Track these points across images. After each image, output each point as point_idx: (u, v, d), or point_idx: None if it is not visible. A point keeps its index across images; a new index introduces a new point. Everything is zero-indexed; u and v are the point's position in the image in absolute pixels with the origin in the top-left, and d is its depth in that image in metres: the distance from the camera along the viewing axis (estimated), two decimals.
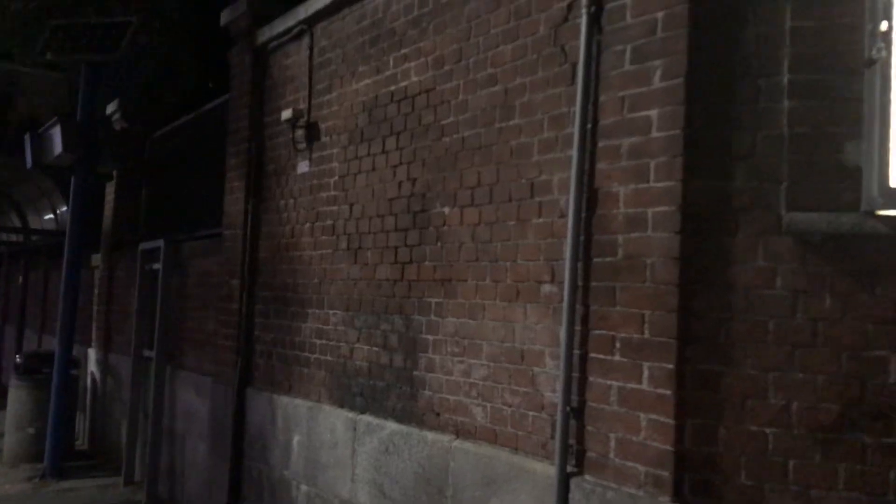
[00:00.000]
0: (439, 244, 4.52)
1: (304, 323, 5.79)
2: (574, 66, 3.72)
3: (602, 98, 3.56)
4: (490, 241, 4.18)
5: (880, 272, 2.91)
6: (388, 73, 5.10)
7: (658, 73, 3.30)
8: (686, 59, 3.20)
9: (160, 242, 8.41)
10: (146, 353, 8.70)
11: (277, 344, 6.14)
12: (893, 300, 2.88)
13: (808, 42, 3.05)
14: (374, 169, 5.15)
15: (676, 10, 3.24)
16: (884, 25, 2.92)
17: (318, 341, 5.60)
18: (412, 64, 4.87)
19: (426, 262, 4.61)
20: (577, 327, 3.58)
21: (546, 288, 3.83)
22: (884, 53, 2.91)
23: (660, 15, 3.30)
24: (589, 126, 3.62)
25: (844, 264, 2.96)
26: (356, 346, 5.18)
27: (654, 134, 3.30)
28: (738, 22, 3.17)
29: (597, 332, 3.49)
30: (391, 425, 4.75)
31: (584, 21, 3.64)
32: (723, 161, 3.16)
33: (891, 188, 2.91)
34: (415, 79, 4.84)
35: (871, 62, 2.93)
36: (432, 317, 4.53)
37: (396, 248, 4.87)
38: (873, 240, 2.92)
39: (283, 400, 5.92)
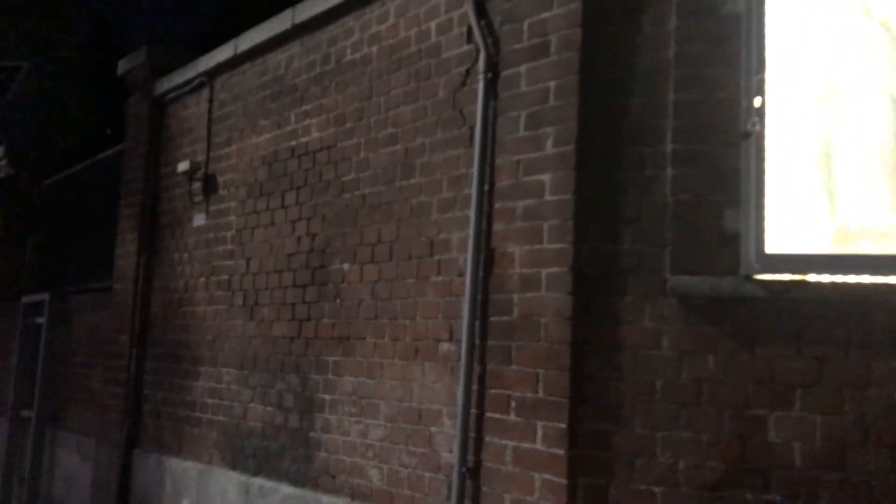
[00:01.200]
0: (338, 301, 4.48)
1: (197, 381, 5.59)
2: (472, 129, 3.81)
3: (498, 161, 3.64)
4: (390, 299, 4.17)
5: (758, 334, 3.05)
6: (289, 128, 5.08)
7: (551, 139, 3.41)
8: (577, 127, 3.32)
9: (45, 295, 8.01)
10: (25, 413, 8.19)
11: (168, 403, 5.89)
12: (771, 361, 3.02)
13: (690, 114, 3.22)
14: (272, 223, 5.09)
15: (567, 80, 3.37)
16: (757, 101, 3.11)
17: (211, 400, 5.41)
18: (314, 120, 4.88)
19: (324, 320, 4.55)
20: (475, 386, 3.59)
21: (444, 346, 3.84)
22: (758, 127, 3.10)
23: (552, 84, 3.43)
24: (486, 188, 3.69)
25: (726, 326, 3.09)
26: (250, 405, 5.03)
27: (548, 197, 3.40)
28: (625, 93, 3.32)
29: (493, 391, 3.51)
30: (285, 488, 4.60)
31: (481, 86, 3.74)
32: (612, 225, 3.27)
33: (767, 254, 3.07)
34: (316, 135, 4.84)
35: (748, 135, 3.12)
36: (329, 375, 4.45)
37: (294, 304, 4.79)
38: (751, 303, 3.06)
39: (173, 462, 5.66)
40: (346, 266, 4.46)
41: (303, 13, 4.98)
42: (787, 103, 3.23)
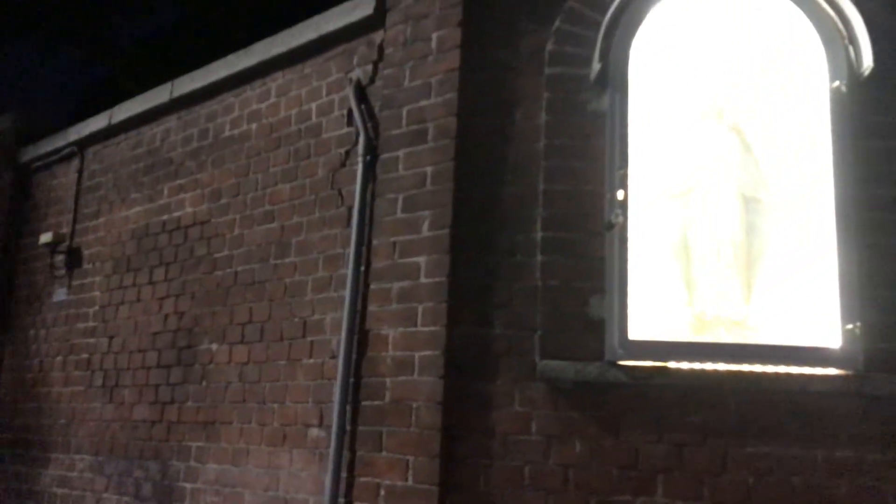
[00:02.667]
0: (204, 383, 4.28)
1: (46, 469, 5.16)
2: (350, 209, 3.81)
3: (375, 242, 3.64)
4: (258, 382, 4.03)
5: (623, 419, 3.12)
6: (161, 201, 4.93)
7: (427, 222, 3.45)
8: (452, 212, 3.38)
9: None
10: None
11: (12, 493, 5.40)
12: (634, 446, 3.08)
13: (558, 204, 3.34)
14: (138, 300, 4.86)
15: (443, 167, 3.44)
16: (620, 194, 3.26)
17: (60, 490, 5.00)
18: (188, 195, 4.75)
19: (189, 403, 4.33)
20: (343, 474, 3.47)
21: (314, 432, 3.72)
22: (621, 219, 3.24)
23: (429, 169, 3.49)
24: (362, 268, 3.67)
25: (592, 411, 3.14)
26: (104, 495, 4.68)
27: (423, 280, 3.41)
28: (498, 181, 3.41)
29: (362, 479, 3.40)
30: None
31: (360, 168, 3.76)
32: (484, 309, 3.30)
33: (630, 340, 3.16)
34: (189, 210, 4.71)
35: (611, 226, 3.25)
36: (192, 462, 4.21)
37: (157, 386, 4.55)
38: (616, 388, 3.14)
39: None
40: (214, 346, 4.29)
41: (182, 87, 4.92)
42: (648, 197, 3.41)
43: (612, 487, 3.05)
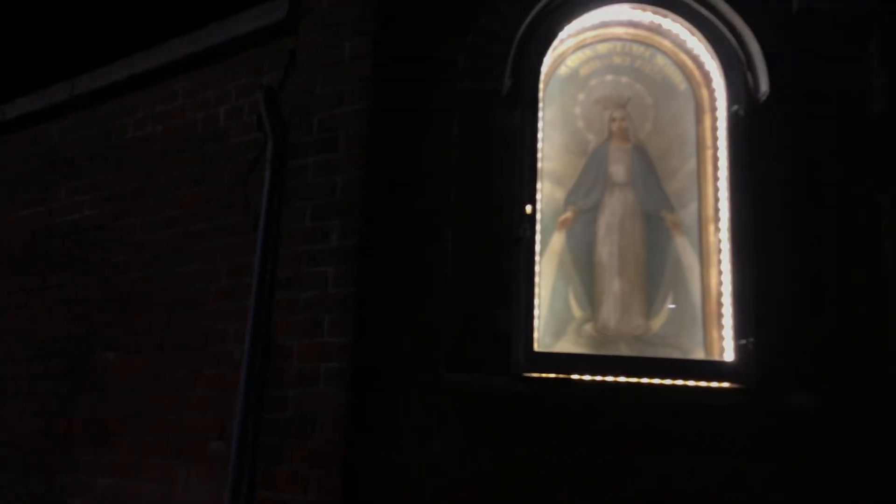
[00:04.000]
0: (97, 394, 4.09)
1: None
2: (257, 217, 3.72)
3: (282, 251, 3.57)
4: (155, 393, 3.87)
5: (527, 430, 3.15)
6: (57, 203, 4.70)
7: (336, 232, 3.40)
8: (362, 222, 3.35)
9: None
10: None
11: None
12: (539, 457, 3.11)
13: (469, 217, 3.35)
14: (27, 306, 4.61)
15: (355, 176, 3.41)
16: (528, 209, 3.31)
17: None
18: (86, 197, 4.55)
19: (79, 414, 4.13)
20: (243, 488, 3.37)
21: (214, 445, 3.59)
22: (528, 233, 3.28)
23: (339, 178, 3.45)
24: (268, 277, 3.59)
25: (497, 423, 3.16)
26: None
27: (330, 290, 3.36)
28: (410, 193, 3.41)
29: (263, 493, 3.31)
30: None
31: (268, 175, 3.68)
32: (392, 320, 3.28)
33: (535, 353, 3.20)
34: (87, 212, 4.51)
35: (519, 240, 3.29)
36: (80, 477, 4.01)
37: (46, 396, 4.31)
38: (520, 400, 3.16)
39: None
40: (109, 355, 4.11)
41: (83, 85, 4.71)
42: (555, 212, 3.46)
43: (516, 499, 3.07)
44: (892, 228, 3.38)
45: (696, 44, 3.58)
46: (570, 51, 3.66)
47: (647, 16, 3.60)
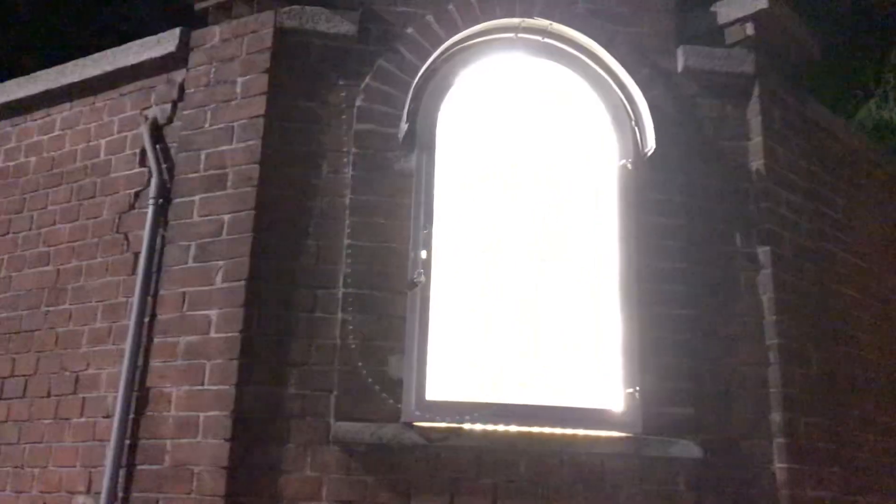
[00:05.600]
0: None
1: None
2: (137, 255, 3.53)
3: (162, 292, 3.39)
4: (17, 443, 3.58)
5: (417, 482, 3.07)
6: None
7: (221, 273, 3.26)
8: (249, 263, 3.23)
9: None
10: None
11: None
12: None
13: (362, 261, 3.29)
14: None
15: (242, 216, 3.29)
16: (423, 254, 3.27)
17: None
18: None
19: None
20: None
21: (80, 500, 3.33)
22: (423, 278, 3.24)
23: (227, 217, 3.32)
24: (146, 320, 3.39)
25: (386, 474, 3.06)
26: None
27: (213, 334, 3.20)
28: (301, 234, 3.31)
29: None
30: None
31: (150, 212, 3.52)
32: (278, 367, 3.16)
33: (427, 401, 3.14)
34: None
35: (414, 285, 3.24)
36: None
37: None
38: (411, 450, 3.09)
39: None
40: None
41: None
42: (451, 257, 3.44)
43: None
44: (770, 282, 3.53)
45: (591, 98, 3.67)
46: (467, 94, 3.68)
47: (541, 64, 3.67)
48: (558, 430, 3.19)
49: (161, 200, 3.51)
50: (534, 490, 3.12)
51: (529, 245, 3.53)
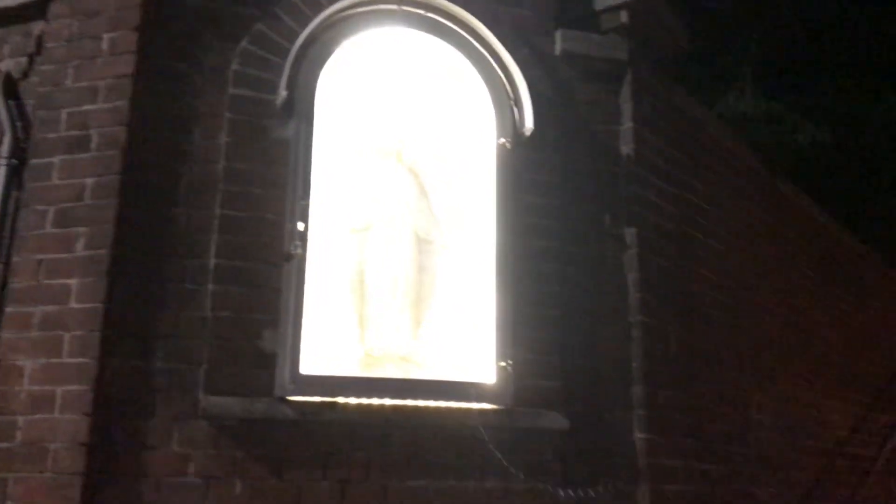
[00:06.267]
0: None
1: None
2: None
3: (16, 259, 3.16)
4: None
5: (289, 457, 3.02)
6: None
7: (82, 240, 3.08)
8: (113, 230, 3.05)
9: None
10: None
11: None
12: (298, 485, 3.00)
13: (235, 231, 3.18)
14: None
15: (107, 180, 3.11)
16: (301, 225, 3.21)
17: None
18: None
19: None
20: None
21: None
22: (300, 251, 3.18)
23: (89, 181, 3.13)
24: None
25: (257, 449, 3.00)
26: None
27: (73, 305, 3.02)
28: (171, 201, 3.17)
29: None
30: None
31: (3, 173, 3.27)
32: (144, 340, 3.02)
33: (301, 375, 3.09)
34: None
35: (290, 257, 3.17)
36: None
37: None
38: (284, 425, 3.04)
39: None
40: None
41: None
42: (328, 230, 3.39)
43: None
44: (635, 262, 3.69)
45: (472, 75, 3.69)
46: (349, 64, 3.62)
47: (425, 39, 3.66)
48: (432, 404, 3.22)
49: (15, 161, 3.27)
50: (407, 463, 3.14)
51: (409, 220, 3.53)
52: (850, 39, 8.16)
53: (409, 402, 3.20)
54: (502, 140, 3.56)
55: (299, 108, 3.33)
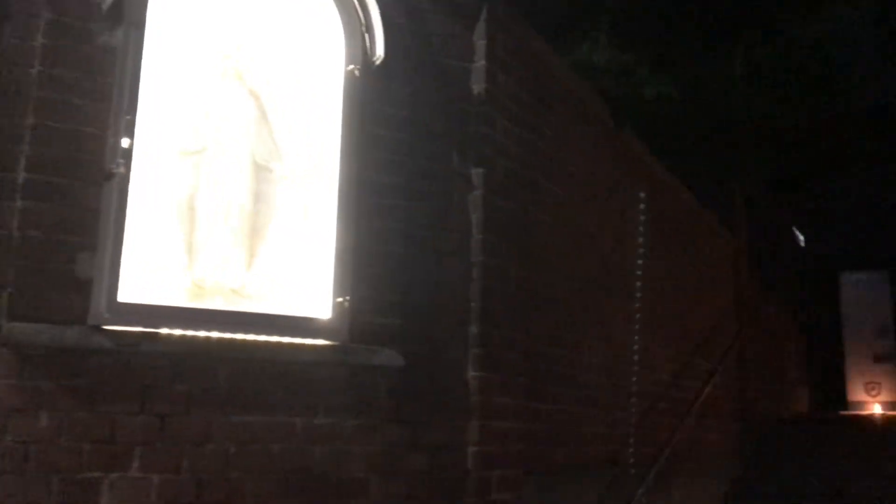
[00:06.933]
0: None
1: None
2: None
3: None
4: None
5: (103, 389, 2.83)
6: None
7: None
8: None
9: None
10: None
11: None
12: (112, 418, 2.82)
13: (50, 144, 2.89)
14: None
15: None
16: (125, 142, 2.96)
17: None
18: None
19: None
20: None
21: None
22: (122, 169, 2.93)
23: None
24: None
25: (67, 381, 2.79)
26: None
27: None
28: None
29: None
30: None
31: None
32: None
33: (119, 303, 2.88)
34: None
35: (111, 175, 2.93)
36: None
37: None
38: (98, 355, 2.83)
39: None
40: None
41: None
42: (156, 150, 3.15)
43: (81, 464, 2.74)
44: (480, 202, 3.69)
45: None
46: None
47: None
48: (262, 338, 3.11)
49: None
50: (232, 398, 3.03)
51: (247, 145, 3.34)
52: None
53: (239, 336, 3.07)
54: (351, 66, 3.41)
55: (129, 14, 3.04)
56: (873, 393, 11.69)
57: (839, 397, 12.08)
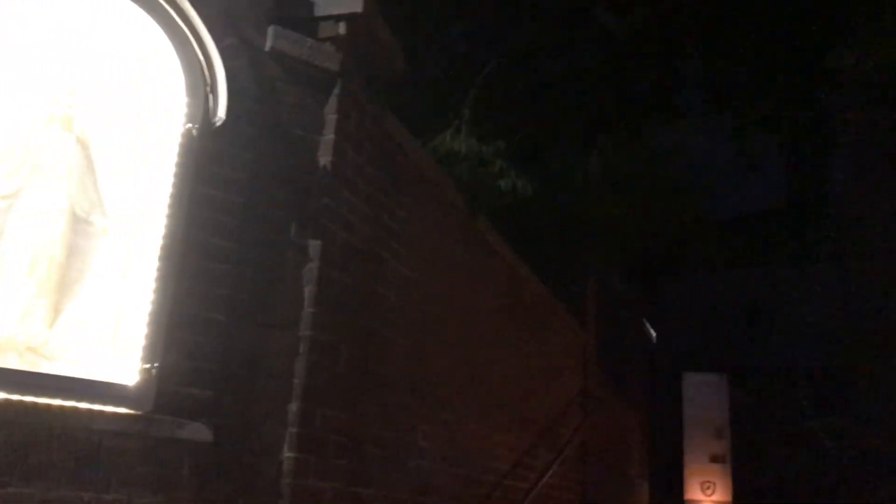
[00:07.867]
0: None
1: None
2: None
3: None
4: None
5: None
6: None
7: None
8: None
9: None
10: None
11: None
12: None
13: None
14: None
15: None
16: None
17: None
18: None
19: None
20: None
21: None
22: None
23: None
24: None
25: None
26: None
27: None
28: None
29: None
30: None
31: None
32: None
33: None
34: None
35: None
36: None
37: None
38: None
39: None
40: None
41: None
42: None
43: None
44: (314, 275, 3.60)
45: (170, 53, 3.41)
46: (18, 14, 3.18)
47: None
48: (55, 402, 2.85)
49: None
50: (13, 465, 2.74)
51: (67, 194, 3.15)
52: (568, 96, 8.93)
53: (29, 398, 2.81)
54: (189, 125, 3.31)
55: None
56: (708, 492, 12.11)
57: (678, 494, 12.45)
